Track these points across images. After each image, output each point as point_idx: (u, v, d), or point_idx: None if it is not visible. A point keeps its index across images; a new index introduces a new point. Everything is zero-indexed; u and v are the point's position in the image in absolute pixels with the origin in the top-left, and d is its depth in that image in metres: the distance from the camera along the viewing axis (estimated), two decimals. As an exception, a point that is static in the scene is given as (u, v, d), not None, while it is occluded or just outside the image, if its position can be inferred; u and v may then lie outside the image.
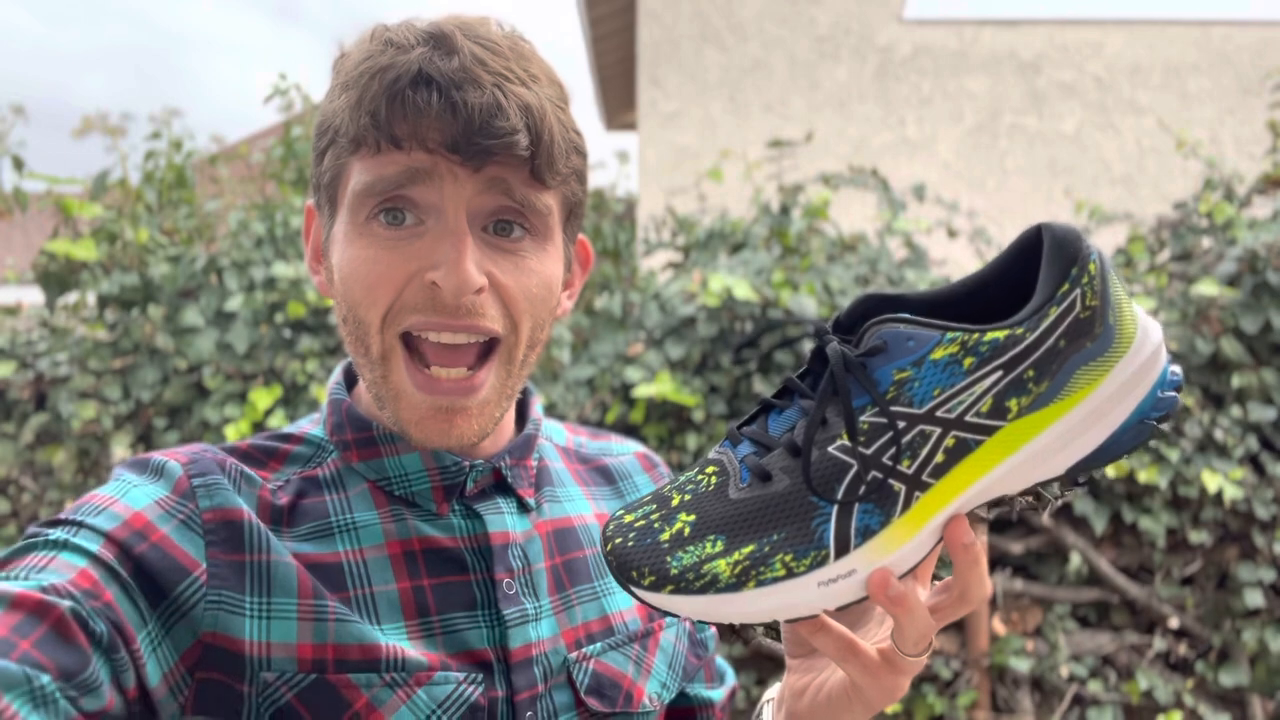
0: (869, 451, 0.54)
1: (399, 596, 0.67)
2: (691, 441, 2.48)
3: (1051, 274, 0.53)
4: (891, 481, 0.54)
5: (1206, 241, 2.94)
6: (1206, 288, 2.55)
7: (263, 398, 2.50)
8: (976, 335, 0.53)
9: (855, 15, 6.68)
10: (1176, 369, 0.56)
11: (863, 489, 0.54)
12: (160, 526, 0.62)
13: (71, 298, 2.74)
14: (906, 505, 0.54)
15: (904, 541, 0.55)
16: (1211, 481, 2.43)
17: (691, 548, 0.55)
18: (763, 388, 2.50)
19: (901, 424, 0.53)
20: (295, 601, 0.63)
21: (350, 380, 0.79)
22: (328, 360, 2.63)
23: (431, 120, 0.62)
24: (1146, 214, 3.39)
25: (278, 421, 2.50)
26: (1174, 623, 2.57)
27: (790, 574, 0.54)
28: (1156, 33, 6.64)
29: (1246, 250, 2.62)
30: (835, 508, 0.54)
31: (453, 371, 0.66)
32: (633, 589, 0.56)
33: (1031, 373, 0.53)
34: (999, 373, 0.53)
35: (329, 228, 0.70)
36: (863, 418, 0.54)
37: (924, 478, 0.54)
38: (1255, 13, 6.60)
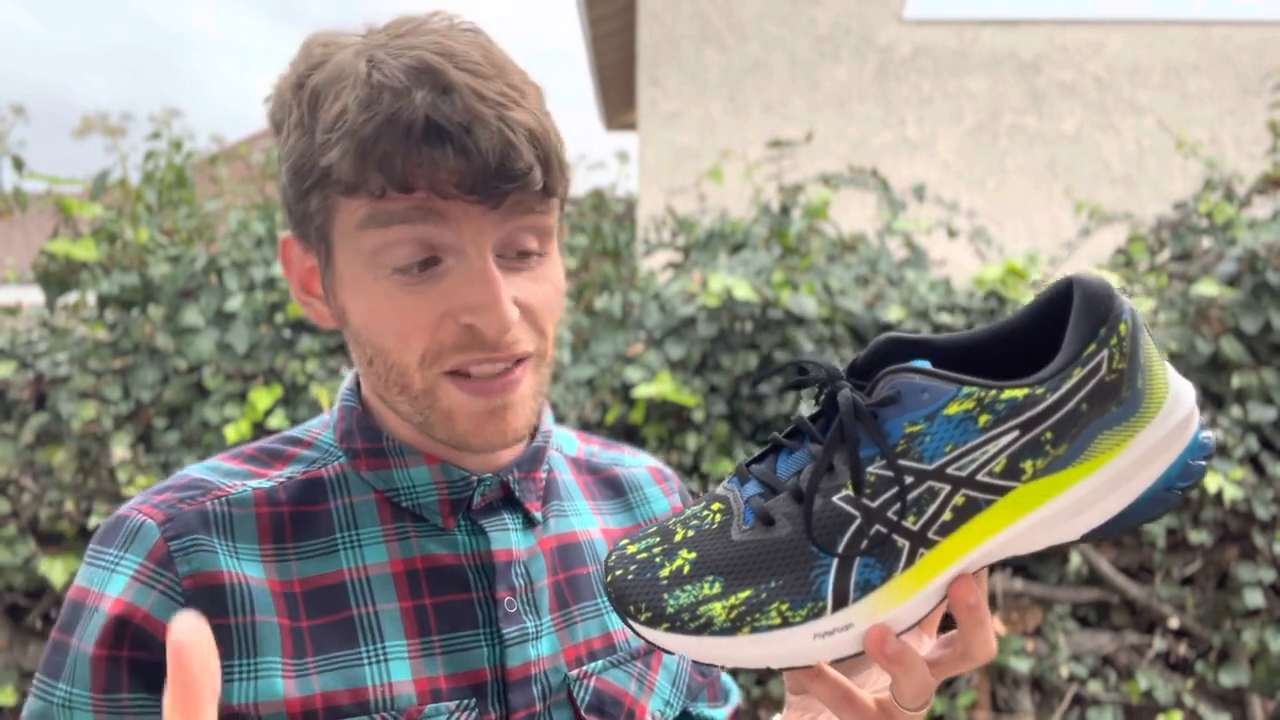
0: (874, 505, 0.52)
1: (401, 616, 0.67)
2: (691, 441, 2.48)
3: (1078, 332, 0.51)
4: (895, 537, 0.52)
5: (1206, 241, 2.94)
6: (1206, 288, 2.55)
7: (263, 398, 2.50)
8: (994, 392, 0.51)
9: (855, 15, 6.68)
10: (1209, 435, 0.54)
11: (865, 543, 0.52)
12: (141, 604, 0.62)
13: (71, 298, 2.74)
14: (910, 562, 0.53)
15: (905, 599, 0.53)
16: (1211, 482, 2.43)
17: (689, 587, 0.54)
18: (763, 388, 2.50)
19: (909, 479, 0.52)
20: (279, 661, 0.63)
21: (360, 386, 0.78)
22: (328, 360, 2.63)
23: (449, 168, 0.60)
24: (1146, 214, 3.39)
25: (278, 421, 2.50)
26: (1174, 623, 2.57)
27: (785, 623, 0.52)
28: (1156, 33, 6.64)
29: (1246, 250, 2.62)
30: (835, 560, 0.52)
31: (494, 368, 0.66)
32: (630, 623, 0.55)
33: (1050, 435, 0.51)
34: (1015, 433, 0.51)
35: (328, 269, 0.68)
36: (870, 469, 0.52)
37: (930, 535, 0.52)
38: (1255, 13, 6.60)
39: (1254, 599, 2.49)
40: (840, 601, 0.53)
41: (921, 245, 3.11)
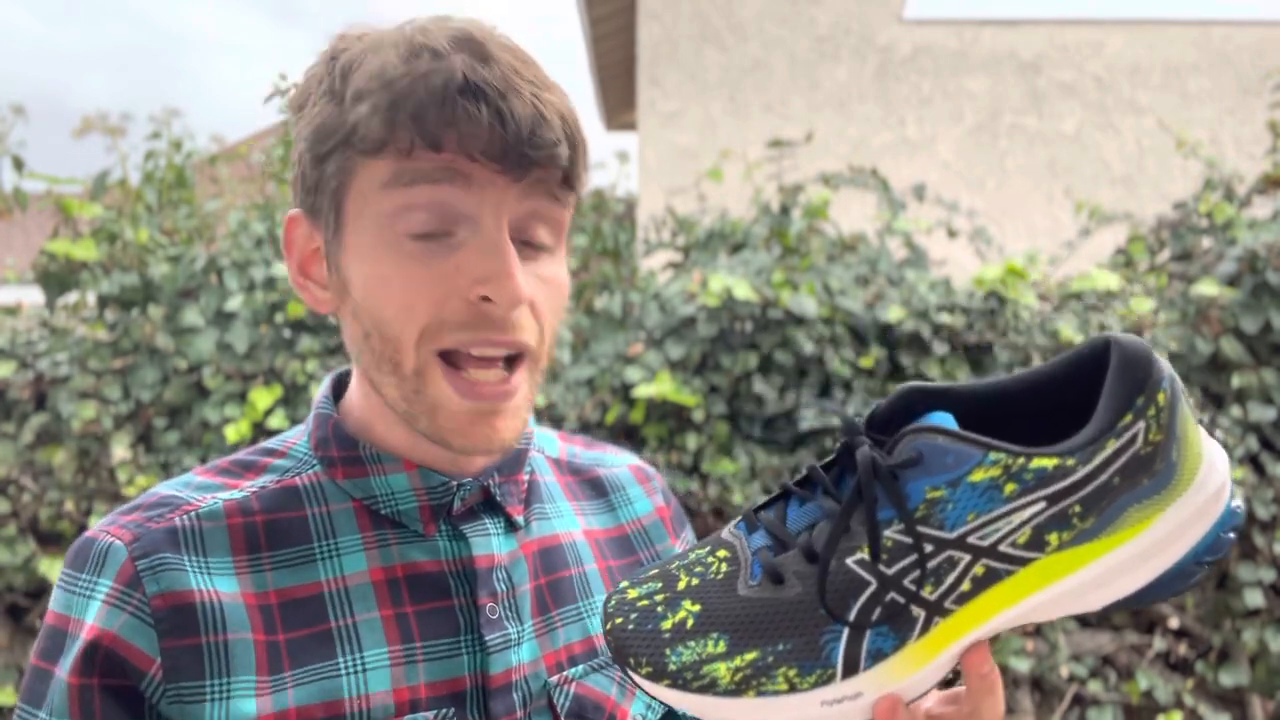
0: (890, 572, 0.50)
1: (382, 624, 0.66)
2: (691, 441, 2.48)
3: (1115, 400, 0.48)
4: (912, 606, 0.50)
5: (1206, 241, 2.94)
6: (1206, 288, 2.55)
7: (263, 398, 2.50)
8: (1022, 460, 0.48)
9: (855, 15, 6.68)
10: (1239, 504, 0.52)
11: (879, 611, 0.50)
12: (109, 626, 0.61)
13: (71, 298, 2.74)
14: (924, 630, 0.50)
15: (918, 668, 0.51)
16: (1211, 481, 2.43)
17: (693, 643, 0.52)
18: (763, 388, 2.50)
19: (929, 548, 0.49)
20: (254, 679, 0.62)
21: (337, 394, 0.77)
22: (328, 360, 2.63)
23: (481, 129, 0.60)
24: (1146, 214, 3.39)
25: (278, 421, 2.50)
26: (1174, 623, 2.57)
27: (793, 689, 0.51)
28: (1156, 33, 6.64)
29: (1246, 250, 2.62)
30: (847, 627, 0.50)
31: (490, 374, 0.65)
32: (630, 674, 0.53)
33: (1078, 509, 0.48)
34: (1042, 504, 0.48)
35: (335, 239, 0.67)
36: (887, 533, 0.50)
37: (946, 604, 0.50)
38: (1255, 13, 6.60)
39: (1254, 599, 2.49)
40: (850, 669, 0.50)
41: (921, 245, 3.11)
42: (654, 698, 0.54)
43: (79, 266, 2.67)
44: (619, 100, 8.99)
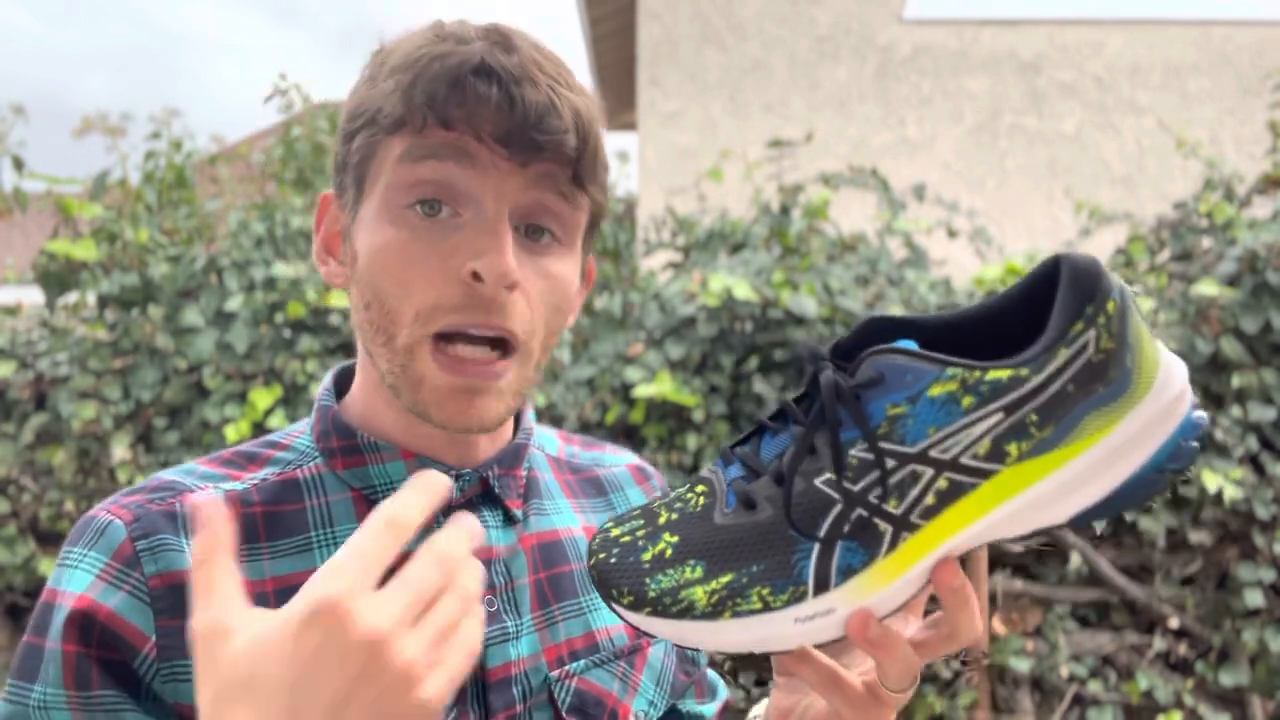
0: (855, 488, 0.51)
1: None
2: (691, 441, 2.48)
3: (1065, 311, 0.49)
4: (877, 521, 0.51)
5: (1206, 241, 2.94)
6: (1206, 288, 2.55)
7: (263, 398, 2.50)
8: (977, 374, 0.50)
9: (855, 15, 6.68)
10: (1202, 414, 0.52)
11: (846, 527, 0.51)
12: (105, 602, 0.61)
13: (71, 298, 2.74)
14: (892, 546, 0.52)
15: (887, 583, 0.52)
16: (1211, 481, 2.43)
17: (671, 571, 0.53)
18: (763, 388, 2.50)
19: (891, 463, 0.51)
20: None
21: (340, 388, 0.77)
22: (328, 360, 2.63)
23: (490, 110, 0.62)
24: (1146, 214, 3.39)
25: (278, 421, 2.50)
26: (1174, 623, 2.57)
27: (767, 608, 0.52)
28: (1156, 33, 6.64)
29: (1246, 250, 2.62)
30: (816, 544, 0.52)
31: (476, 351, 0.65)
32: (613, 605, 0.55)
33: (1035, 417, 0.50)
34: (999, 415, 0.50)
35: (354, 211, 0.69)
36: (852, 452, 0.51)
37: (912, 519, 0.51)
38: (1255, 13, 6.61)
39: (1254, 599, 2.49)
40: (821, 586, 0.52)
41: (921, 245, 3.11)
42: (636, 628, 0.55)
43: (79, 266, 2.67)
44: (619, 100, 8.99)
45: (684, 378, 2.53)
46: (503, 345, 0.67)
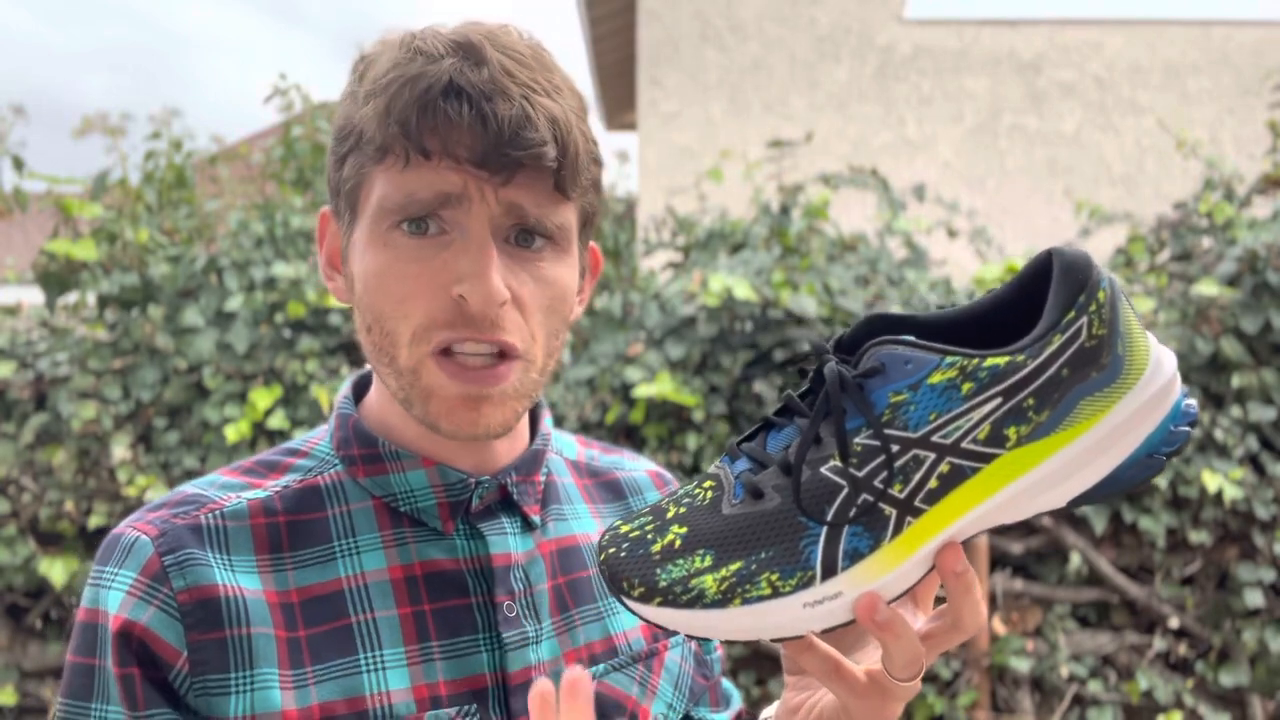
0: (861, 474, 0.53)
1: (400, 623, 0.67)
2: (691, 441, 2.48)
3: (1058, 300, 0.52)
4: (882, 505, 0.53)
5: (1206, 241, 2.94)
6: (1206, 288, 2.55)
7: (263, 398, 2.50)
8: (976, 361, 0.52)
9: (855, 15, 6.68)
10: (1192, 402, 0.55)
11: (853, 511, 0.53)
12: (138, 618, 0.62)
13: (71, 298, 2.74)
14: (897, 530, 0.53)
15: (893, 567, 0.54)
16: (1211, 481, 2.43)
17: (681, 561, 0.54)
18: (762, 388, 2.50)
19: (895, 447, 0.53)
20: (276, 672, 0.63)
21: (359, 394, 0.78)
22: (328, 360, 2.63)
23: (463, 132, 0.62)
24: (1146, 214, 3.39)
25: (278, 421, 2.50)
26: (1174, 623, 2.57)
27: (776, 593, 0.53)
28: (1156, 33, 6.64)
29: (1246, 250, 2.62)
30: (824, 529, 0.53)
31: (479, 356, 0.66)
32: (623, 599, 0.56)
33: (1031, 401, 0.52)
34: (998, 400, 0.52)
35: (349, 234, 0.69)
36: (857, 439, 0.53)
37: (916, 503, 0.53)
38: (1255, 13, 6.61)
39: (1254, 599, 2.49)
40: (829, 570, 0.53)
41: (921, 245, 3.11)
42: (647, 620, 0.55)
43: (79, 266, 2.68)
44: (619, 100, 8.99)
45: (684, 378, 2.53)
46: (502, 357, 0.67)
